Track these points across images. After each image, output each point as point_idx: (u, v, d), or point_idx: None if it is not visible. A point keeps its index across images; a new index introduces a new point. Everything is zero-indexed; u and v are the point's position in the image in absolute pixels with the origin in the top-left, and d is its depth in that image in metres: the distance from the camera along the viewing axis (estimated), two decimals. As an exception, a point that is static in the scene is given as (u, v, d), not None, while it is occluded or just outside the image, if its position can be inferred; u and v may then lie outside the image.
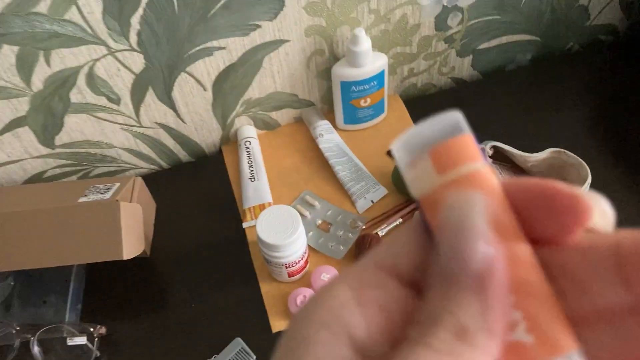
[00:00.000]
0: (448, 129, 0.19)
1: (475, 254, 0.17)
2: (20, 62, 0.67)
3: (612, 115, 0.84)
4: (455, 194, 0.18)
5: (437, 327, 0.17)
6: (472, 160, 0.18)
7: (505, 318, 0.17)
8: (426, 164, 0.19)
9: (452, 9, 0.80)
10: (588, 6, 0.89)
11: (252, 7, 0.70)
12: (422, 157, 0.19)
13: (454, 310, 0.17)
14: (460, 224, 0.17)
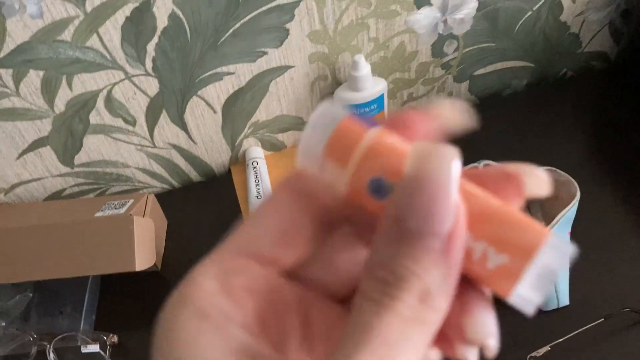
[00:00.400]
0: (329, 122, 0.19)
1: (448, 215, 0.17)
2: (44, 86, 0.72)
3: (604, 137, 0.87)
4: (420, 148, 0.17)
5: (403, 292, 0.16)
6: (360, 138, 0.19)
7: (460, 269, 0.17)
8: (329, 164, 0.19)
9: (448, 36, 0.85)
10: (579, 34, 0.94)
11: (259, 35, 0.75)
12: (322, 160, 0.19)
13: (421, 273, 0.16)
14: (433, 183, 0.17)
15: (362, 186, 0.19)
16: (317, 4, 0.74)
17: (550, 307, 0.67)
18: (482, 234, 0.17)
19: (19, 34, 0.66)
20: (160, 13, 0.69)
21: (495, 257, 0.17)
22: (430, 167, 0.17)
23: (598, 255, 0.72)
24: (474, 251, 0.18)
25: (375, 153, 0.19)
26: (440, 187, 0.16)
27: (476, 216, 0.18)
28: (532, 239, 0.17)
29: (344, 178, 0.19)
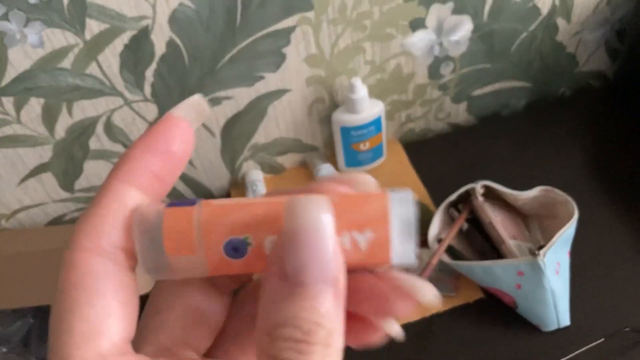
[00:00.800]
0: (155, 223, 0.19)
1: (330, 261, 0.17)
2: (45, 112, 0.73)
3: (602, 156, 0.88)
4: (291, 203, 0.18)
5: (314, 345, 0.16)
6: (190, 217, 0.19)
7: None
8: (179, 260, 0.19)
9: (444, 58, 0.86)
10: (575, 54, 0.94)
11: (257, 60, 0.76)
12: (170, 261, 0.19)
13: (322, 322, 0.17)
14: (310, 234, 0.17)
15: (219, 256, 0.19)
16: (313, 29, 0.75)
17: (551, 328, 0.67)
18: (342, 225, 0.18)
19: (20, 62, 0.68)
20: (158, 40, 0.70)
21: (362, 237, 0.18)
22: (303, 220, 0.17)
23: (598, 275, 0.72)
24: (344, 244, 0.19)
25: (212, 221, 0.19)
26: (318, 236, 0.17)
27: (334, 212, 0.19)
28: (380, 205, 0.19)
29: (200, 260, 0.19)
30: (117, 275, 0.18)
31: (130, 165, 0.19)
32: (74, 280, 0.17)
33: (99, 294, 0.17)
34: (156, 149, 0.19)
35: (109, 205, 0.18)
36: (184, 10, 0.69)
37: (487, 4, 0.81)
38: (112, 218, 0.18)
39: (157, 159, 0.19)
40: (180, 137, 0.20)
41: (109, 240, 0.18)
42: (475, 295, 0.72)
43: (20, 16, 0.64)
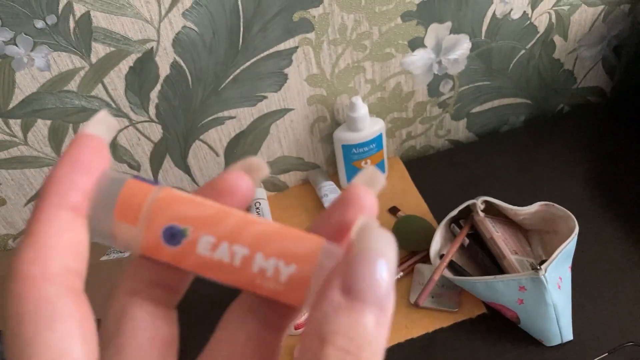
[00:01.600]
0: (114, 186, 0.20)
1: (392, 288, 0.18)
2: (52, 134, 0.75)
3: (602, 171, 0.88)
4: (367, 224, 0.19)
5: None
6: (146, 195, 0.20)
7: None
8: (121, 226, 0.20)
9: (443, 76, 0.87)
10: (573, 70, 0.95)
11: (259, 80, 0.78)
12: (114, 225, 0.20)
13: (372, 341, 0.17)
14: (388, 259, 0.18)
15: (155, 237, 0.19)
16: (313, 50, 0.77)
17: (554, 342, 0.67)
18: (271, 251, 0.19)
19: (27, 85, 0.69)
20: (162, 62, 0.72)
21: (285, 269, 0.19)
22: (377, 245, 0.18)
23: (601, 289, 0.72)
24: (266, 270, 0.19)
25: (164, 204, 0.20)
26: (387, 264, 0.18)
27: (265, 236, 0.20)
28: (313, 245, 0.19)
29: (138, 234, 0.20)
30: (70, 297, 0.18)
31: (61, 187, 0.19)
32: (28, 310, 0.17)
33: (57, 318, 0.17)
34: (79, 167, 0.19)
35: (48, 231, 0.18)
36: (188, 33, 0.70)
37: (484, 22, 0.82)
38: (54, 241, 0.18)
39: (84, 177, 0.19)
40: (97, 153, 0.20)
41: (57, 263, 0.18)
42: (478, 311, 0.72)
43: (28, 40, 0.66)
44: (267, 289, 0.20)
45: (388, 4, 0.76)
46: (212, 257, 0.19)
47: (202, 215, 0.20)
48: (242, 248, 0.19)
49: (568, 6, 0.86)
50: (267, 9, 0.71)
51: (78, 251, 0.19)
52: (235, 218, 0.20)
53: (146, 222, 0.19)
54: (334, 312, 0.17)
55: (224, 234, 0.19)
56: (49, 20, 0.65)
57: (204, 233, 0.19)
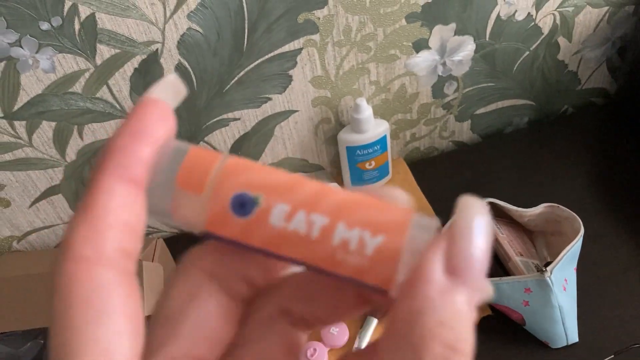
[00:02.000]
0: (177, 153, 0.18)
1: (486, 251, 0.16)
2: (56, 136, 0.75)
3: (607, 172, 0.88)
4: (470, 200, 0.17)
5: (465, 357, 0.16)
6: (213, 162, 0.18)
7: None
8: (183, 195, 0.18)
9: (447, 78, 0.87)
10: (577, 72, 0.95)
11: (263, 82, 0.78)
12: (175, 195, 0.18)
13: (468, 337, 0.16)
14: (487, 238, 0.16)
15: (223, 206, 0.17)
16: (318, 51, 0.77)
17: (560, 344, 0.67)
18: (355, 220, 0.17)
19: (32, 87, 0.69)
20: (167, 64, 0.72)
21: (372, 241, 0.17)
22: (480, 222, 0.16)
23: (606, 291, 0.72)
24: (349, 241, 0.17)
25: (233, 170, 0.18)
26: (487, 239, 0.16)
27: (346, 205, 0.17)
28: (402, 216, 0.17)
29: (203, 205, 0.18)
30: (123, 287, 0.16)
31: (120, 158, 0.17)
32: (79, 298, 0.16)
33: (108, 311, 0.16)
34: (143, 136, 0.17)
35: (106, 206, 0.16)
36: (193, 35, 0.70)
37: (489, 24, 0.82)
38: (112, 219, 0.16)
39: (146, 147, 0.17)
40: (163, 120, 0.18)
41: (113, 244, 0.16)
42: (483, 313, 0.72)
43: (33, 42, 0.66)
44: (349, 266, 0.17)
45: (393, 6, 0.76)
46: (287, 228, 0.17)
47: (275, 183, 0.17)
48: (321, 217, 0.17)
49: (572, 7, 0.85)
50: (272, 11, 0.71)
51: (136, 230, 0.17)
52: (312, 186, 0.17)
53: (213, 190, 0.17)
54: (440, 295, 0.15)
55: (301, 202, 0.17)
56: (54, 22, 0.65)
57: (278, 201, 0.17)
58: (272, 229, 0.17)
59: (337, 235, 0.17)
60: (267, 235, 0.17)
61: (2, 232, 0.84)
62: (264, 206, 0.17)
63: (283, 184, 0.17)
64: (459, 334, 0.15)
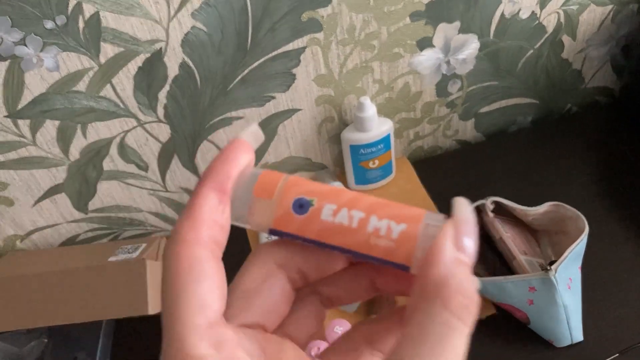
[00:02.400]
0: (252, 178, 0.25)
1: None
2: (60, 134, 0.75)
3: (611, 171, 0.88)
4: (464, 201, 0.23)
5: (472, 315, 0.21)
6: (280, 177, 0.24)
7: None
8: (258, 202, 0.24)
9: (451, 76, 0.87)
10: (581, 70, 0.95)
11: (267, 81, 0.78)
12: (252, 202, 0.24)
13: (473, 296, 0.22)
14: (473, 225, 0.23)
15: (287, 207, 0.24)
16: (322, 50, 0.77)
17: (564, 343, 0.67)
18: (384, 214, 0.23)
19: (36, 86, 0.69)
20: (170, 62, 0.72)
21: (396, 227, 0.23)
22: (471, 215, 0.23)
23: (611, 290, 0.72)
24: (380, 229, 0.23)
25: (294, 182, 0.24)
26: (475, 229, 0.23)
27: (377, 203, 0.24)
28: (418, 211, 0.23)
29: (272, 207, 0.24)
30: (214, 261, 0.23)
31: (214, 175, 0.24)
32: (184, 266, 0.22)
33: (205, 275, 0.22)
34: (231, 162, 0.24)
35: (203, 206, 0.23)
36: (196, 34, 0.70)
37: (493, 22, 0.82)
38: (207, 216, 0.23)
39: (233, 168, 0.24)
40: (245, 153, 0.25)
41: (207, 233, 0.23)
42: (488, 312, 0.72)
43: (37, 41, 0.66)
44: (380, 247, 0.23)
45: (397, 4, 0.75)
46: (334, 221, 0.23)
47: (325, 190, 0.24)
48: (358, 212, 0.23)
49: (577, 6, 0.85)
50: (276, 9, 0.71)
51: (223, 226, 0.23)
52: (351, 192, 0.24)
53: (280, 196, 0.24)
54: (454, 263, 0.21)
55: (344, 202, 0.23)
56: (59, 20, 0.65)
57: (327, 202, 0.24)
58: (322, 223, 0.23)
59: (371, 224, 0.23)
60: (318, 228, 0.24)
61: (6, 231, 0.84)
62: (317, 206, 0.24)
63: (331, 190, 0.24)
64: (470, 289, 0.21)
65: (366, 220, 0.23)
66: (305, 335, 0.27)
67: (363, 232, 0.23)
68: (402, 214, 0.23)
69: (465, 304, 0.21)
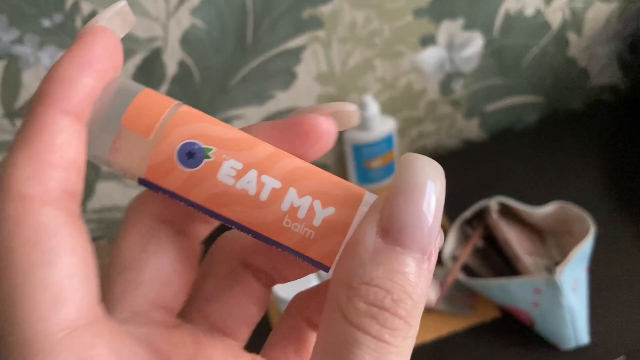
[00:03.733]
0: (126, 92, 0.17)
1: (439, 231, 0.16)
2: (58, 134, 0.74)
3: (618, 170, 0.87)
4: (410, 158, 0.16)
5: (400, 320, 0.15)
6: (166, 106, 0.17)
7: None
8: (128, 137, 0.17)
9: (455, 74, 0.86)
10: (587, 68, 0.94)
11: (268, 79, 0.77)
12: (119, 133, 0.17)
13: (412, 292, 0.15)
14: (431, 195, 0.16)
15: (169, 154, 0.17)
16: (323, 47, 0.76)
17: (569, 346, 0.66)
18: (307, 188, 0.17)
19: (33, 85, 0.68)
20: (169, 61, 0.71)
21: (321, 211, 0.16)
22: (420, 179, 0.15)
23: (617, 292, 0.71)
24: (299, 209, 0.17)
25: (186, 117, 0.17)
26: (432, 200, 0.15)
27: (301, 172, 0.17)
28: (356, 191, 0.17)
29: (147, 149, 0.17)
30: (71, 227, 0.15)
31: (66, 90, 0.16)
32: (25, 238, 0.14)
33: (57, 252, 0.14)
34: (88, 68, 0.16)
35: (49, 142, 0.15)
36: (195, 31, 0.69)
37: (497, 19, 0.81)
38: (56, 156, 0.15)
39: (92, 79, 0.16)
40: (110, 51, 0.17)
41: (57, 183, 0.15)
42: (492, 314, 0.71)
43: (35, 40, 0.65)
44: (295, 234, 0.17)
45: (399, 1, 0.74)
46: (235, 187, 0.16)
47: (230, 138, 0.17)
48: (272, 180, 0.17)
49: (582, 3, 0.84)
50: (276, 6, 0.70)
51: (80, 170, 0.16)
52: (268, 148, 0.17)
53: (162, 134, 0.16)
54: (370, 257, 0.15)
55: (254, 162, 0.17)
56: (56, 18, 0.64)
57: (230, 156, 0.17)
58: (219, 185, 0.16)
59: (287, 200, 0.16)
60: (211, 192, 0.17)
61: (5, 231, 0.83)
62: (215, 159, 0.17)
63: (239, 140, 0.17)
64: (389, 293, 0.15)
65: (281, 193, 0.16)
66: (241, 325, 0.21)
67: (273, 209, 0.16)
68: (332, 193, 0.17)
69: (371, 312, 0.15)
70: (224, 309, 0.20)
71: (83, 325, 0.14)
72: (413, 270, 0.15)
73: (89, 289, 0.15)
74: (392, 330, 0.15)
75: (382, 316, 0.15)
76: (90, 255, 0.16)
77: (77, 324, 0.14)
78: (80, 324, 0.14)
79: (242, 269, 0.20)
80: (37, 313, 0.14)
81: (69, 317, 0.14)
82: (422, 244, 0.15)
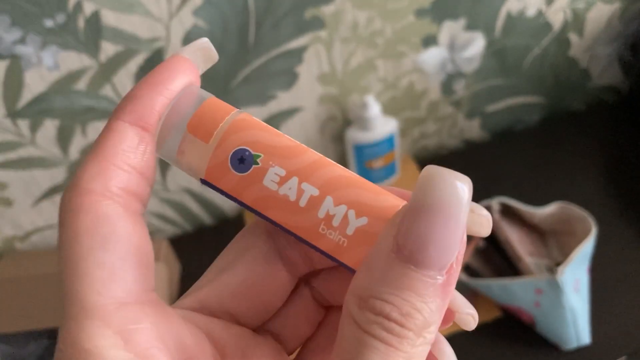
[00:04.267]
0: (194, 100, 0.19)
1: (457, 248, 0.16)
2: (60, 134, 0.74)
3: (619, 171, 0.87)
4: (431, 171, 0.16)
5: (409, 331, 0.15)
6: (226, 114, 0.19)
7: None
8: (191, 142, 0.19)
9: (457, 75, 0.86)
10: (588, 69, 0.94)
11: (270, 79, 0.77)
12: (185, 138, 0.19)
13: (423, 308, 0.16)
14: (446, 212, 0.15)
15: (224, 158, 0.18)
16: (325, 48, 0.76)
17: (571, 346, 0.66)
18: (344, 198, 0.17)
19: (35, 85, 0.68)
20: (172, 61, 0.71)
21: (354, 221, 0.17)
22: (442, 194, 0.15)
23: (619, 292, 0.71)
24: (334, 217, 0.17)
25: (242, 125, 0.18)
26: (452, 217, 0.15)
27: (339, 180, 0.18)
28: (391, 202, 0.17)
29: (205, 153, 0.18)
30: (129, 220, 0.17)
31: (135, 105, 0.18)
32: (86, 226, 0.16)
33: (112, 238, 0.16)
34: (160, 88, 0.18)
35: (116, 147, 0.17)
36: (198, 31, 0.69)
37: (499, 20, 0.81)
38: (119, 160, 0.17)
39: (162, 97, 0.18)
40: (184, 75, 0.19)
41: (118, 183, 0.17)
42: (494, 314, 0.71)
43: (37, 40, 0.65)
44: (330, 241, 0.17)
45: (401, 1, 0.74)
46: (277, 192, 0.18)
47: (277, 146, 0.18)
48: (311, 188, 0.18)
49: (584, 3, 0.84)
50: (279, 7, 0.70)
51: (144, 175, 0.18)
52: (312, 156, 0.18)
53: (219, 140, 0.18)
54: (381, 274, 0.15)
55: (296, 169, 0.18)
56: (59, 19, 0.64)
57: (275, 164, 0.18)
58: (263, 190, 0.18)
59: (324, 207, 0.17)
60: (257, 195, 0.18)
61: (5, 231, 0.83)
62: (262, 166, 0.18)
63: (285, 148, 0.18)
64: (397, 308, 0.15)
65: (319, 200, 0.17)
66: (293, 338, 0.22)
67: (311, 215, 0.18)
68: (367, 204, 0.17)
69: (379, 321, 0.15)
70: (285, 322, 0.21)
71: (132, 303, 0.16)
72: (425, 288, 0.15)
73: (140, 273, 0.17)
74: (400, 338, 0.15)
75: (389, 325, 0.15)
76: (147, 246, 0.17)
77: (127, 300, 0.16)
78: (129, 301, 0.16)
79: (303, 286, 0.22)
80: (92, 288, 0.16)
81: (118, 294, 0.16)
82: (437, 263, 0.15)
